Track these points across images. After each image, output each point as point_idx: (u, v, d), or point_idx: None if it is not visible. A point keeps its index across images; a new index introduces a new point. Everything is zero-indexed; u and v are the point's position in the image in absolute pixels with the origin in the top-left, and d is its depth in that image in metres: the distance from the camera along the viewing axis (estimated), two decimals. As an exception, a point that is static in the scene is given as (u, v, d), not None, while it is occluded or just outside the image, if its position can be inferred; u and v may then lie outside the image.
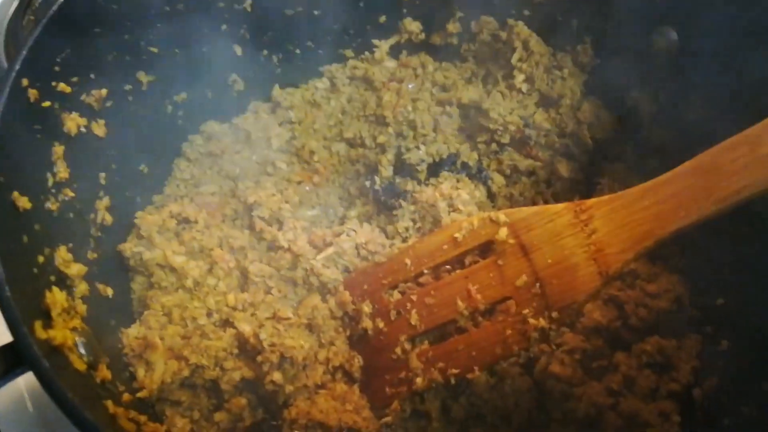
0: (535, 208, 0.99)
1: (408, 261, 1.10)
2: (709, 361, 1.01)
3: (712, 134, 0.83)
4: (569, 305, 0.92)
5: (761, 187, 0.79)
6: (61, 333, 0.72)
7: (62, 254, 0.88)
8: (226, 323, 1.07)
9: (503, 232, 1.00)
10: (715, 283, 1.06)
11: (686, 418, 0.97)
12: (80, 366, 0.75)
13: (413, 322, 1.06)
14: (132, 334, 1.02)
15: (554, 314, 0.94)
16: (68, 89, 0.92)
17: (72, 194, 0.94)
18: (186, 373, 1.01)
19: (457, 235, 1.06)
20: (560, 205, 0.96)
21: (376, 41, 1.37)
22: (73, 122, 0.94)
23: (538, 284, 0.96)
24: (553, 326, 0.94)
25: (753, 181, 0.79)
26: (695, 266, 1.12)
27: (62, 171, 0.92)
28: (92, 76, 0.97)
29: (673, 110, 1.13)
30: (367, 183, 1.30)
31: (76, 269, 0.88)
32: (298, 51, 1.34)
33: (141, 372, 0.99)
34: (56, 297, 0.79)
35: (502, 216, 1.02)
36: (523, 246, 0.98)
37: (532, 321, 0.95)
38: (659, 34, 1.11)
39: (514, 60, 1.27)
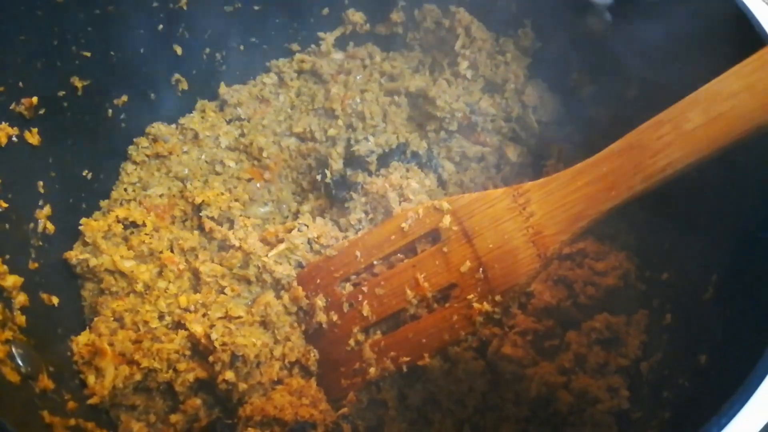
0: (476, 195, 1.00)
1: (358, 253, 1.10)
2: (655, 335, 1.03)
3: (650, 110, 0.83)
4: (511, 288, 0.94)
5: (686, 162, 0.80)
6: (-11, 346, 0.72)
7: (-4, 266, 0.87)
8: (179, 325, 1.07)
9: (447, 220, 1.01)
10: (659, 257, 1.08)
11: (634, 392, 0.99)
12: (14, 377, 0.74)
13: (365, 314, 1.07)
14: (81, 341, 1.01)
15: (497, 298, 0.95)
16: (-7, 100, 0.91)
17: (5, 205, 0.92)
18: (138, 377, 1.01)
19: (403, 224, 1.07)
20: (499, 190, 0.97)
21: (321, 34, 1.37)
22: (2, 132, 0.92)
23: (481, 269, 0.97)
24: (497, 310, 0.95)
25: (678, 157, 0.80)
26: (641, 243, 1.14)
27: (-8, 182, 0.90)
28: (21, 84, 0.95)
29: (612, 89, 1.14)
30: (319, 177, 1.29)
31: (11, 281, 0.88)
32: (242, 47, 1.33)
33: (91, 379, 0.99)
34: (-12, 310, 0.78)
35: (445, 204, 1.03)
36: (466, 232, 0.99)
37: (476, 306, 0.96)
38: (593, 15, 1.11)
39: (457, 47, 1.28)
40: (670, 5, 0.99)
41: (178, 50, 1.23)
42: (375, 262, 1.09)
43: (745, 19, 0.87)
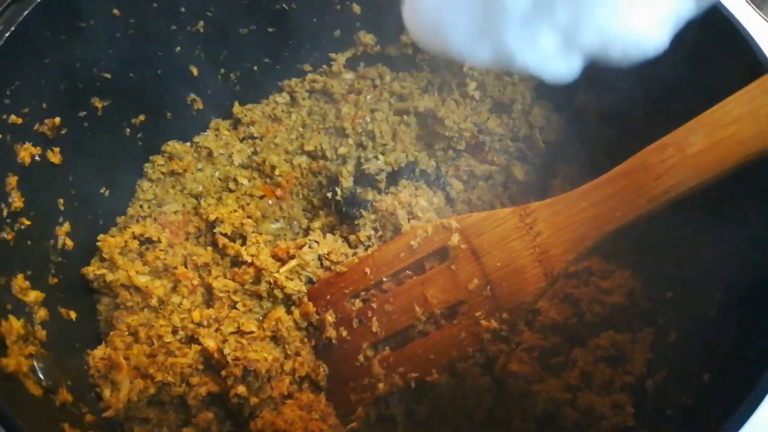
0: (483, 214, 1.02)
1: (368, 270, 1.13)
2: (660, 353, 1.04)
3: (654, 133, 0.86)
4: (518, 306, 0.96)
5: (689, 185, 0.82)
6: (14, 360, 0.74)
7: (19, 282, 0.89)
8: (192, 340, 1.09)
9: (455, 238, 1.03)
10: (664, 277, 1.09)
11: (638, 409, 1.00)
12: (36, 391, 0.77)
13: (374, 329, 1.09)
14: (97, 355, 1.04)
15: (505, 315, 0.97)
16: (19, 120, 0.93)
17: (28, 222, 0.95)
18: (153, 390, 1.03)
19: (412, 242, 1.09)
20: (507, 210, 0.99)
21: (332, 54, 1.40)
22: (26, 152, 0.95)
23: (488, 287, 0.99)
24: (504, 327, 0.97)
25: (681, 180, 0.82)
26: (646, 262, 1.15)
27: (17, 201, 0.93)
28: (44, 105, 0.98)
29: (617, 110, 1.16)
30: (329, 194, 1.32)
31: (33, 296, 0.90)
32: (255, 68, 1.36)
33: (107, 392, 1.01)
34: (12, 325, 0.81)
35: (453, 222, 1.05)
36: (474, 250, 1.01)
37: (484, 323, 0.98)
38: (599, 39, 1.14)
39: (465, 68, 1.31)
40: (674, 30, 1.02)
41: (194, 71, 1.26)
42: (384, 279, 1.11)
43: (748, 46, 0.90)
